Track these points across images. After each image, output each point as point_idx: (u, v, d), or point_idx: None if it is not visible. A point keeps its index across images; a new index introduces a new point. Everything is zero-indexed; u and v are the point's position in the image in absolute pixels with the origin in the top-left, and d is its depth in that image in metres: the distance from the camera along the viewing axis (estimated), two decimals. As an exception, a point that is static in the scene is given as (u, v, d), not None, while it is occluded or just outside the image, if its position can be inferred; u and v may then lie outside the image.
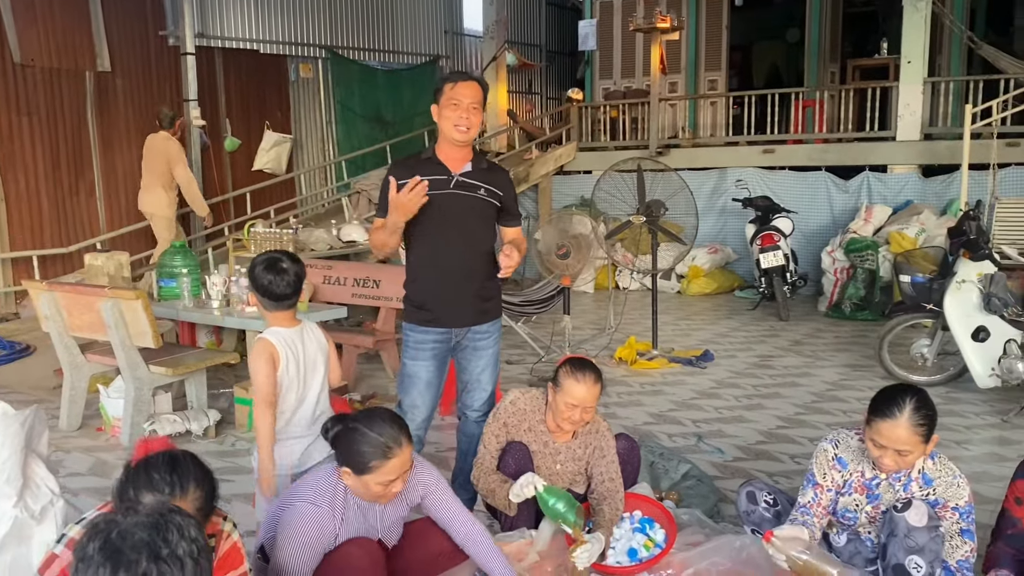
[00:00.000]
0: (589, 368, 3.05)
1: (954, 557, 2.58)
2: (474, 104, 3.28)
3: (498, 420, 3.19)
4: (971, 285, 5.19)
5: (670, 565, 2.95)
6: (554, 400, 3.08)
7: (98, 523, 1.30)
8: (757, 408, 5.36)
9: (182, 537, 1.30)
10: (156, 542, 1.27)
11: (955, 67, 10.96)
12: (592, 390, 3.02)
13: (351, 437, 2.46)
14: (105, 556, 1.25)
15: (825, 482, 2.75)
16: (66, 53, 8.43)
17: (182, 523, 1.33)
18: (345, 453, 2.47)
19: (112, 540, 1.27)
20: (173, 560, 1.27)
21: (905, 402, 2.50)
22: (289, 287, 2.91)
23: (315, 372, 3.01)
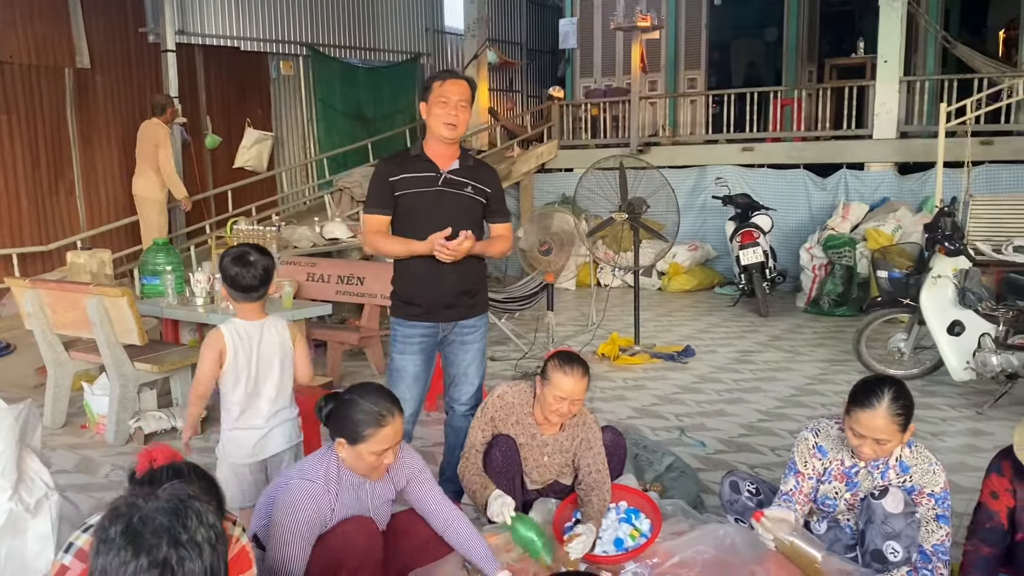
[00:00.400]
0: (577, 361, 3.10)
1: (930, 541, 2.66)
2: (462, 101, 3.33)
3: (485, 415, 3.23)
4: (946, 280, 5.30)
5: (655, 554, 3.00)
6: (542, 393, 3.12)
7: (119, 507, 1.34)
8: (738, 402, 5.44)
9: (200, 523, 1.34)
10: (176, 527, 1.31)
11: (930, 66, 11.13)
12: (580, 383, 3.07)
13: (345, 408, 2.54)
14: (127, 540, 1.29)
15: (806, 470, 2.82)
16: (45, 50, 8.37)
17: (201, 509, 1.36)
18: (340, 424, 2.54)
19: (134, 524, 1.30)
20: (192, 545, 1.30)
21: (884, 392, 2.58)
22: (255, 279, 2.95)
23: (270, 368, 3.03)
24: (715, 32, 13.04)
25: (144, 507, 1.33)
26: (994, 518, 2.64)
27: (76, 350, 5.09)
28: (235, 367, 2.96)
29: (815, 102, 10.64)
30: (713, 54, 13.59)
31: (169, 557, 1.28)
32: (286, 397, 3.08)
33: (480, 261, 3.51)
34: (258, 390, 3.01)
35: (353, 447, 2.52)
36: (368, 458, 2.53)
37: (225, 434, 3.07)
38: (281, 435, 3.07)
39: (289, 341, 3.07)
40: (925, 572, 2.65)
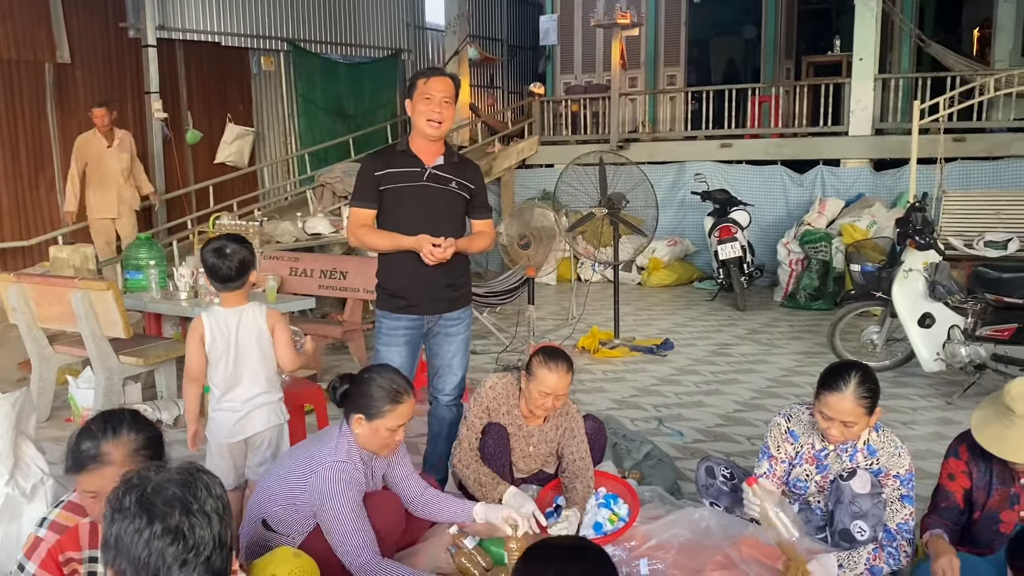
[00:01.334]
0: (561, 357, 3.18)
1: (895, 520, 2.77)
2: (446, 98, 3.41)
3: (480, 404, 3.30)
4: (917, 274, 5.43)
5: (633, 537, 3.09)
6: (527, 388, 3.20)
7: (132, 478, 1.42)
8: (715, 393, 5.55)
9: (209, 494, 1.42)
10: (187, 497, 1.39)
11: (905, 64, 11.31)
12: (564, 379, 3.15)
13: (364, 385, 2.71)
14: (141, 508, 1.36)
15: (779, 454, 2.93)
16: (25, 45, 8.35)
17: (209, 481, 1.45)
18: (358, 401, 2.70)
19: (147, 494, 1.38)
20: (202, 514, 1.38)
21: (850, 377, 2.69)
22: (231, 270, 3.05)
23: (247, 353, 3.12)
24: (695, 29, 13.17)
25: (155, 478, 1.41)
26: (950, 498, 2.77)
27: (61, 344, 5.13)
28: (214, 351, 3.07)
29: (792, 99, 10.79)
30: (693, 51, 13.72)
31: (181, 524, 1.36)
32: (266, 381, 3.17)
33: (463, 256, 3.58)
34: (238, 373, 3.10)
35: (371, 422, 2.68)
36: (383, 433, 2.69)
37: (210, 415, 3.19)
38: (260, 417, 3.16)
39: (266, 327, 3.14)
40: (890, 549, 2.76)
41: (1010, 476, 2.68)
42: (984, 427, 2.60)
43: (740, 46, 14.96)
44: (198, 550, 1.36)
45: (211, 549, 1.38)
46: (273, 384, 3.20)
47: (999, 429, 2.55)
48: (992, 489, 2.73)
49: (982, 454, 2.69)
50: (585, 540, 1.75)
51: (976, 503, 2.77)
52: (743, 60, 14.89)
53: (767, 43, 12.72)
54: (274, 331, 3.15)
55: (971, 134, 9.35)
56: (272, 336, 3.15)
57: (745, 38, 14.52)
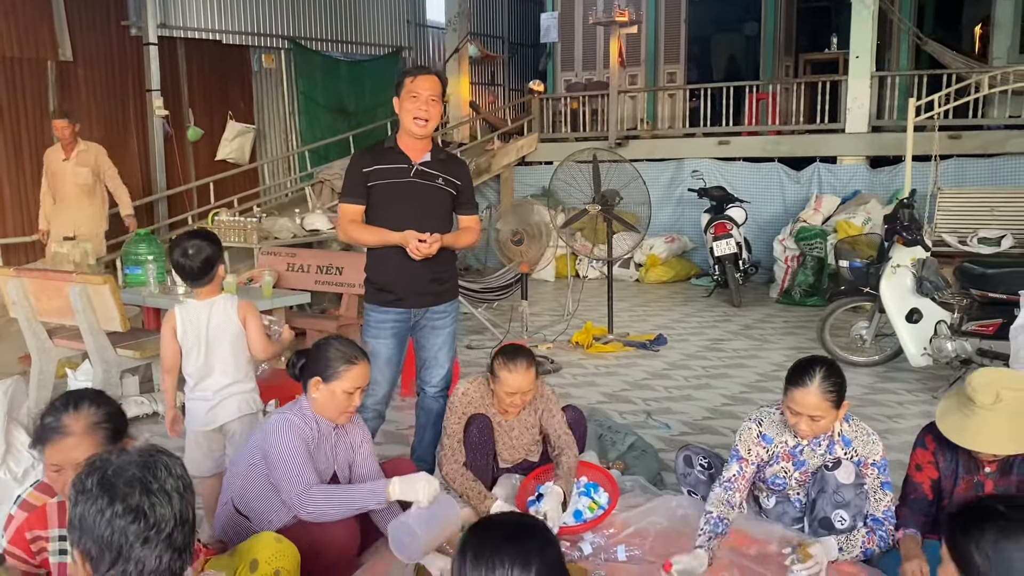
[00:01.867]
0: (520, 356, 3.23)
1: (879, 508, 2.84)
2: (433, 96, 3.48)
3: (455, 413, 3.34)
4: (905, 269, 5.49)
5: (612, 524, 3.17)
6: (495, 389, 3.27)
7: (94, 461, 1.49)
8: (705, 387, 5.62)
9: (169, 474, 1.49)
10: (147, 478, 1.46)
11: (904, 62, 11.35)
12: (526, 376, 3.20)
13: (320, 351, 2.80)
14: (102, 489, 1.43)
15: (749, 456, 2.99)
16: (27, 42, 8.45)
17: (169, 462, 1.52)
18: (315, 366, 2.79)
19: (108, 476, 1.45)
20: (162, 493, 1.45)
21: (815, 372, 2.76)
22: (194, 269, 3.16)
23: (218, 344, 3.21)
24: (695, 27, 13.22)
25: (116, 461, 1.48)
26: (919, 489, 2.83)
27: (60, 337, 5.21)
28: (186, 343, 3.19)
29: (790, 97, 10.83)
30: (693, 48, 13.77)
31: (142, 503, 1.43)
32: (238, 371, 3.24)
33: (449, 251, 3.66)
34: (209, 364, 3.19)
35: (328, 384, 2.76)
36: (340, 396, 2.76)
37: (186, 404, 3.30)
38: (232, 406, 3.23)
39: (236, 319, 3.21)
40: (881, 533, 2.82)
41: (975, 465, 2.74)
42: (946, 416, 2.67)
43: (740, 43, 14.98)
44: (159, 527, 1.43)
45: (172, 526, 1.45)
46: (246, 374, 3.28)
47: (960, 418, 2.61)
48: (958, 478, 2.79)
49: (948, 444, 2.74)
50: (530, 517, 1.81)
51: (944, 492, 2.83)
52: (744, 57, 14.92)
53: (766, 40, 12.77)
54: (246, 322, 3.22)
55: (967, 131, 9.38)
56: (244, 327, 3.22)
57: (746, 35, 14.55)
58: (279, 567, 2.35)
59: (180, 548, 1.47)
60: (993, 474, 2.74)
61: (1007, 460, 2.73)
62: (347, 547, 2.67)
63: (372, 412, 3.63)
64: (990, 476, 2.75)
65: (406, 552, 2.57)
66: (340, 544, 2.64)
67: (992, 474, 2.74)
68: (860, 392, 5.45)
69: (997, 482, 2.76)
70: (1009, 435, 2.58)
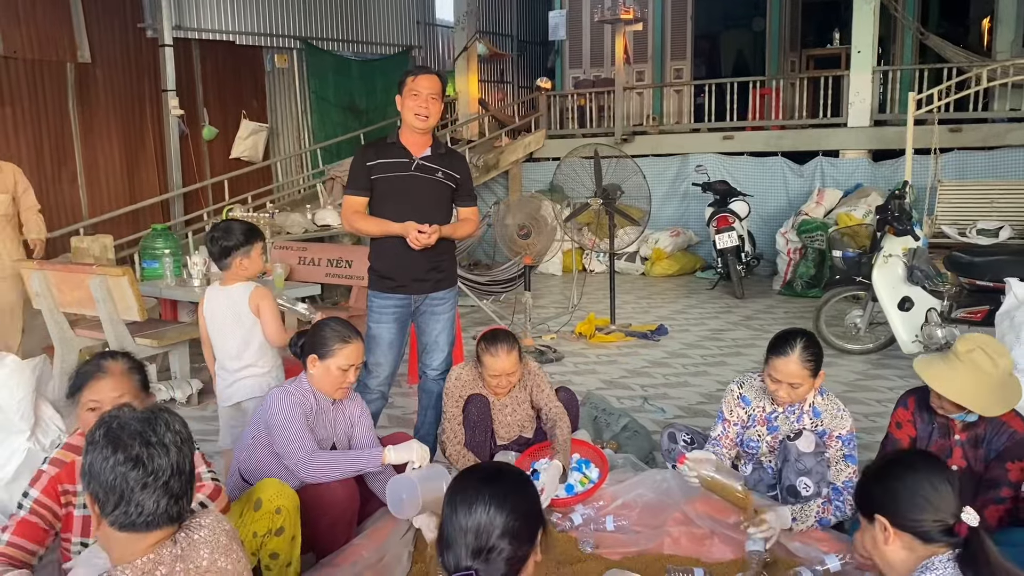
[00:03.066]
0: (500, 340, 3.42)
1: (840, 479, 3.01)
2: (433, 94, 3.68)
3: (451, 397, 3.55)
4: (896, 259, 5.65)
5: (602, 497, 3.36)
6: (482, 374, 3.47)
7: (104, 417, 1.70)
8: (702, 375, 5.80)
9: (168, 429, 1.69)
10: (147, 431, 1.66)
11: (908, 56, 11.45)
12: (508, 358, 3.40)
13: (316, 330, 3.03)
14: (108, 440, 1.64)
15: (732, 417, 3.20)
16: (48, 45, 8.70)
17: (169, 419, 1.72)
18: (312, 344, 3.01)
19: (113, 429, 1.66)
20: (160, 446, 1.65)
21: (796, 342, 2.96)
22: (213, 254, 3.47)
23: (230, 329, 3.46)
24: (702, 23, 13.35)
25: (122, 416, 1.69)
26: (897, 445, 3.05)
27: (81, 327, 5.45)
28: (210, 325, 3.49)
29: (793, 92, 10.96)
30: (702, 44, 13.90)
31: (141, 454, 1.63)
32: (251, 355, 3.47)
33: (448, 240, 3.86)
34: (225, 346, 3.46)
35: (324, 361, 2.97)
36: (335, 372, 2.96)
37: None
38: (244, 387, 3.48)
39: (245, 305, 3.43)
40: (837, 503, 2.99)
41: (948, 430, 2.94)
42: (926, 366, 2.85)
43: (746, 39, 15.12)
44: (157, 475, 1.63)
45: (169, 475, 1.65)
46: (260, 358, 3.48)
47: (933, 361, 2.84)
48: (932, 440, 2.99)
49: (927, 407, 2.96)
50: (507, 465, 1.99)
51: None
52: (752, 53, 15.04)
53: (772, 36, 12.89)
54: (259, 310, 3.43)
55: (968, 124, 9.48)
56: (258, 315, 3.43)
57: (754, 31, 14.67)
58: (280, 505, 2.57)
59: (177, 495, 1.66)
60: (962, 443, 2.93)
61: (978, 434, 2.90)
62: (347, 506, 2.87)
63: (376, 393, 3.84)
64: (959, 444, 2.93)
65: (404, 509, 2.77)
66: (341, 502, 2.84)
67: (961, 443, 2.93)
68: (853, 378, 5.61)
69: (965, 451, 2.95)
70: (972, 390, 2.76)
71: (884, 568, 1.94)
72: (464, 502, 1.71)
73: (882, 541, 1.89)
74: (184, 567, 1.66)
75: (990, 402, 2.78)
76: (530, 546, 1.72)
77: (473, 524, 1.68)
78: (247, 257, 3.44)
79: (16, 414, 2.82)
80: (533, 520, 1.74)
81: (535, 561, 1.75)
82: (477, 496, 1.70)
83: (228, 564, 1.75)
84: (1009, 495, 2.76)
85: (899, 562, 1.89)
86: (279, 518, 2.58)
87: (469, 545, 1.67)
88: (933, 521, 1.84)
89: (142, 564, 1.61)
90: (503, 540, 1.67)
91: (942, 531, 1.84)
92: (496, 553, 1.67)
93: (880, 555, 1.92)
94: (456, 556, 1.69)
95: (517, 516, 1.69)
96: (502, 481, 1.75)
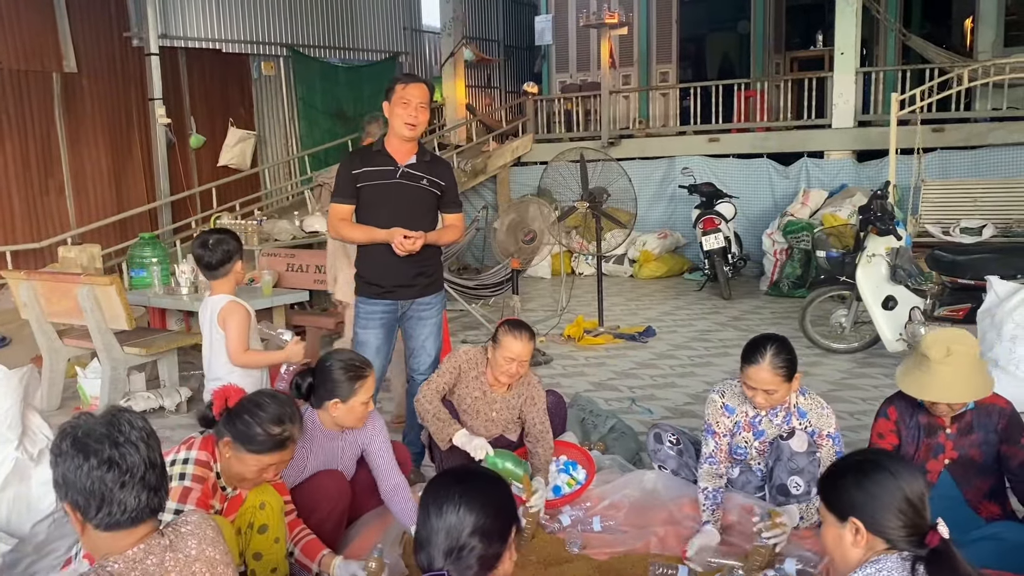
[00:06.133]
0: (524, 327, 3.49)
1: (832, 478, 3.06)
2: (422, 103, 3.72)
3: (454, 361, 3.60)
4: (880, 258, 5.70)
5: (589, 498, 3.40)
6: (493, 356, 3.50)
7: (65, 427, 1.70)
8: (689, 375, 5.84)
9: (132, 427, 1.71)
10: (113, 432, 1.68)
11: (891, 58, 11.55)
12: (527, 346, 3.45)
13: (329, 373, 2.97)
14: (76, 449, 1.65)
15: (719, 429, 3.22)
16: (33, 55, 8.70)
17: (131, 417, 1.74)
18: (329, 388, 2.96)
19: (79, 437, 1.66)
20: (128, 444, 1.67)
21: (766, 350, 2.99)
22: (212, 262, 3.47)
23: (207, 339, 3.50)
24: (687, 27, 13.43)
25: (84, 423, 1.70)
26: None
27: (69, 337, 5.45)
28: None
29: (778, 94, 11.04)
30: (688, 47, 13.98)
31: (113, 455, 1.65)
32: (219, 367, 3.47)
33: (434, 247, 3.89)
34: (206, 355, 3.52)
35: (347, 403, 2.95)
36: (358, 409, 2.97)
37: None
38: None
39: (215, 318, 3.43)
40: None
41: (935, 428, 2.98)
42: (905, 376, 2.91)
43: (735, 41, 15.20)
44: (132, 472, 1.65)
45: (144, 470, 1.67)
46: (231, 373, 3.45)
47: (917, 375, 2.86)
48: (920, 442, 3.02)
49: (910, 412, 3.00)
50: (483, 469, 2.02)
51: (906, 457, 3.06)
52: (738, 56, 15.13)
53: (757, 39, 12.98)
54: (224, 324, 3.42)
55: (950, 124, 9.57)
56: (224, 329, 3.43)
57: (739, 33, 14.76)
58: (264, 500, 2.58)
59: (154, 487, 1.70)
60: (953, 435, 2.97)
61: (967, 422, 2.96)
62: (337, 503, 2.91)
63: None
64: (950, 437, 2.98)
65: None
66: (331, 499, 2.88)
67: (952, 435, 2.97)
68: (839, 377, 5.66)
69: (956, 442, 3.00)
70: (962, 385, 2.83)
71: (840, 565, 1.96)
72: (436, 503, 1.74)
73: (851, 543, 1.90)
74: (174, 556, 1.70)
75: (981, 385, 2.88)
76: (502, 544, 1.74)
77: (444, 524, 1.71)
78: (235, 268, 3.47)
79: (3, 424, 2.83)
80: (505, 518, 1.76)
81: (511, 559, 1.77)
82: (448, 496, 1.74)
83: (216, 554, 1.79)
84: None
85: (855, 562, 1.90)
86: (263, 514, 2.56)
87: (441, 545, 1.70)
88: (905, 528, 1.86)
89: (132, 554, 1.65)
90: (473, 538, 1.70)
91: (911, 540, 1.86)
92: (467, 551, 1.70)
93: (842, 554, 1.93)
94: (429, 556, 1.73)
95: (487, 514, 1.72)
96: (473, 481, 1.79)
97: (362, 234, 3.76)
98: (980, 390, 2.87)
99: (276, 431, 2.51)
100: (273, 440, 2.50)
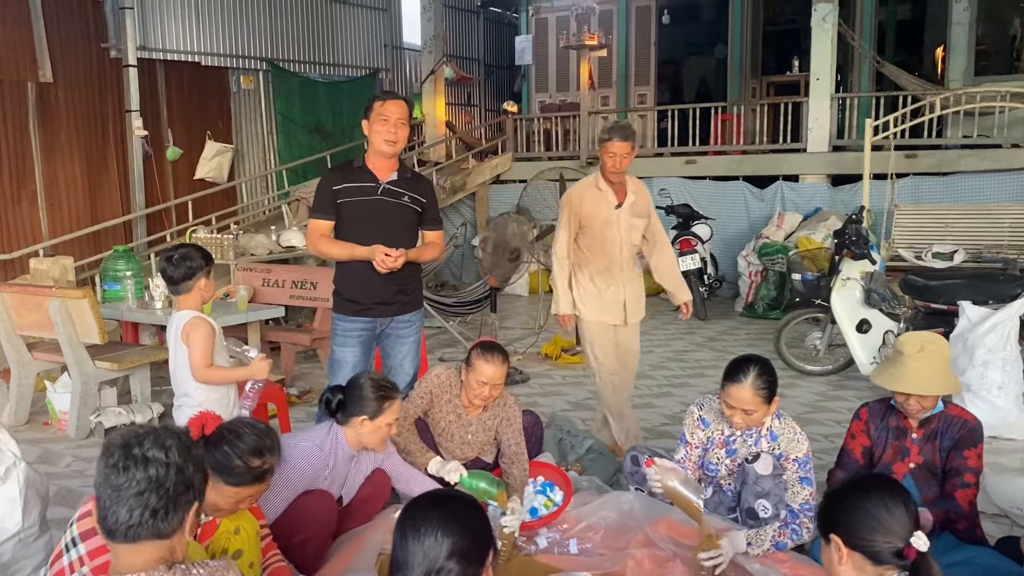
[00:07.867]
0: (497, 350, 3.48)
1: (796, 501, 3.07)
2: (401, 120, 3.72)
3: (425, 386, 3.59)
4: (854, 282, 5.77)
5: (566, 520, 3.39)
6: (467, 379, 3.49)
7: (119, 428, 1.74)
8: (665, 395, 5.86)
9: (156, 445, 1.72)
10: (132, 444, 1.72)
11: (865, 84, 11.73)
12: (500, 369, 3.44)
13: (360, 391, 3.03)
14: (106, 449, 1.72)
15: (693, 440, 3.25)
16: (8, 64, 8.60)
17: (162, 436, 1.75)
18: (359, 406, 3.01)
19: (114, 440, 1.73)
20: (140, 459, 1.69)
21: (749, 370, 3.01)
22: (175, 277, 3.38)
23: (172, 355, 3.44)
24: (667, 49, 13.57)
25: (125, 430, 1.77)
26: (851, 455, 3.24)
27: (39, 350, 5.36)
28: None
29: (754, 117, 11.17)
30: (667, 69, 14.10)
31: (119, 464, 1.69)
32: (185, 383, 3.39)
33: (414, 264, 3.88)
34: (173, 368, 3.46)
35: (374, 420, 3.01)
36: (384, 429, 3.04)
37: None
38: (181, 416, 3.37)
39: (179, 334, 3.35)
40: (794, 526, 3.04)
41: (903, 432, 3.09)
42: (880, 372, 3.13)
43: (709, 65, 15.38)
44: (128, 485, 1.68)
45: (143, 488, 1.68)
46: (196, 390, 3.37)
47: (892, 371, 3.06)
48: (887, 444, 3.17)
49: (881, 415, 3.20)
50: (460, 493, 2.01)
51: (874, 457, 3.22)
52: (714, 79, 15.30)
53: (733, 63, 13.13)
54: (188, 340, 3.34)
55: (922, 151, 9.72)
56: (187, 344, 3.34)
57: (716, 57, 14.93)
58: (239, 525, 2.51)
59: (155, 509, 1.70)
60: (919, 440, 3.11)
61: (933, 428, 3.07)
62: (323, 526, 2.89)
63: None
64: (916, 442, 3.11)
65: None
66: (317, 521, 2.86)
67: (918, 440, 3.11)
68: (813, 399, 5.71)
69: (922, 447, 3.10)
70: (933, 380, 3.02)
71: None
72: (413, 526, 1.73)
73: (836, 560, 1.94)
74: None
75: (950, 383, 3.09)
76: (480, 567, 1.74)
77: (422, 547, 1.70)
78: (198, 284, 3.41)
79: (-32, 442, 2.78)
80: (482, 541, 1.76)
81: None
82: (426, 519, 1.73)
83: None
84: (973, 480, 3.02)
85: None
86: (237, 539, 2.51)
87: (418, 568, 1.69)
88: (884, 543, 1.89)
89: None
90: (451, 561, 1.69)
91: (892, 553, 1.89)
92: (445, 574, 1.68)
93: (834, 575, 1.97)
94: None
95: (464, 537, 1.72)
96: (449, 503, 1.79)
97: (342, 251, 3.74)
98: (949, 387, 3.08)
99: (256, 463, 2.42)
100: (253, 473, 2.42)
